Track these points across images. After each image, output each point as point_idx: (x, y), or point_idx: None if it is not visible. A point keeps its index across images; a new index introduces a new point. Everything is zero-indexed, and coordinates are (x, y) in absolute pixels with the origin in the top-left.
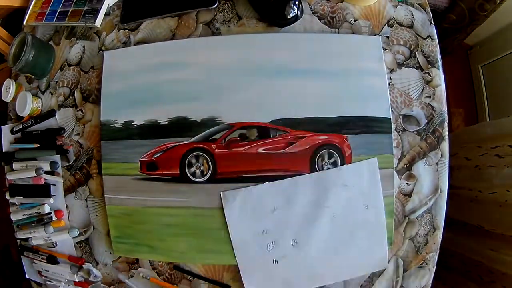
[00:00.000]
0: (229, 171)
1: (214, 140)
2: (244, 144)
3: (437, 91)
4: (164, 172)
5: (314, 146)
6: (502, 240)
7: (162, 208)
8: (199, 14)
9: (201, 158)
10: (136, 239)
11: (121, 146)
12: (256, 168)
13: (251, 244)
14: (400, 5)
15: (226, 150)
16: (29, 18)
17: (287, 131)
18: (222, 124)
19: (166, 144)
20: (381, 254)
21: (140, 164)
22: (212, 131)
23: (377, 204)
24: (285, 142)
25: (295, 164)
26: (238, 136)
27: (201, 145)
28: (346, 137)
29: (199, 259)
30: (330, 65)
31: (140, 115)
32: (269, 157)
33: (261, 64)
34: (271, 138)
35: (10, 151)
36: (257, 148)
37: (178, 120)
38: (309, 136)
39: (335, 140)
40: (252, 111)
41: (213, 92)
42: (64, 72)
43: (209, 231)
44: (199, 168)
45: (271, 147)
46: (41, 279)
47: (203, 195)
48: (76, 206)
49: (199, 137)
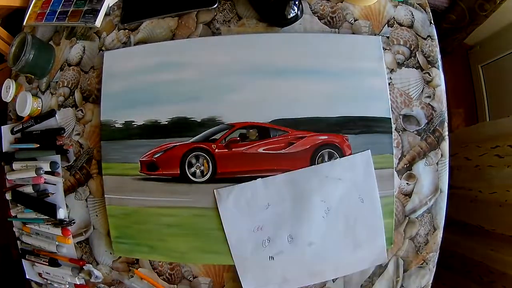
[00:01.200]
0: (229, 171)
1: (214, 140)
2: (244, 144)
3: (437, 91)
4: (164, 172)
5: (314, 146)
6: (502, 240)
7: (162, 208)
8: (199, 14)
9: (201, 158)
10: (136, 239)
11: (121, 146)
12: (256, 168)
13: (246, 241)
14: (400, 5)
15: (226, 150)
16: (29, 18)
17: (287, 131)
18: (222, 124)
19: (166, 144)
20: (379, 248)
21: (140, 164)
22: (212, 131)
23: (372, 197)
24: (285, 142)
25: (295, 164)
26: (238, 136)
27: (201, 145)
28: (346, 137)
29: (199, 259)
30: (330, 65)
31: (140, 115)
32: (269, 157)
33: (261, 64)
34: (271, 138)
35: (10, 151)
36: (257, 148)
37: (178, 120)
38: (309, 136)
39: (335, 140)
40: (252, 111)
41: (213, 92)
42: (64, 72)
43: (209, 231)
44: (199, 168)
45: (271, 147)
46: (41, 280)
47: (203, 195)
48: (76, 206)
49: (199, 137)
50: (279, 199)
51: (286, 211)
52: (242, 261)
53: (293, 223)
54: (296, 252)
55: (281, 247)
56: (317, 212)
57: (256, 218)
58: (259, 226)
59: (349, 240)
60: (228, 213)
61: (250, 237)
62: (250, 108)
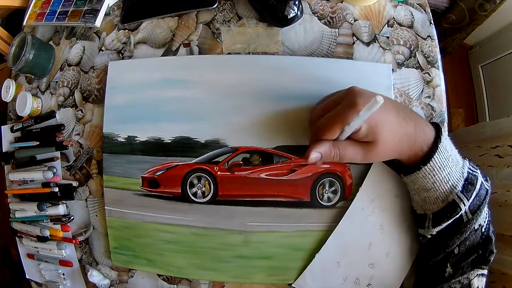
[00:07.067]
0: (231, 194)
1: (217, 163)
2: (247, 169)
3: (437, 91)
4: (166, 190)
5: (316, 174)
6: (502, 240)
7: (162, 224)
8: (199, 14)
9: (203, 179)
10: (134, 251)
11: (123, 160)
12: (258, 192)
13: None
14: (400, 5)
15: (228, 173)
16: (29, 18)
17: (290, 158)
18: (226, 147)
19: (169, 163)
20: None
21: (142, 180)
22: (216, 154)
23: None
24: (287, 168)
25: (296, 191)
26: (241, 160)
27: (204, 166)
28: (348, 166)
29: (197, 275)
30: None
31: (143, 131)
32: (271, 182)
33: (267, 87)
34: (274, 164)
35: (10, 150)
36: (260, 173)
37: (181, 140)
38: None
39: (337, 169)
40: (256, 135)
41: (218, 113)
42: (64, 72)
43: (208, 250)
44: (201, 189)
45: (273, 173)
46: (41, 279)
47: (204, 215)
48: (76, 206)
49: (202, 158)
50: (343, 253)
51: (355, 258)
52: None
53: (363, 267)
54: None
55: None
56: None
57: (334, 278)
58: (344, 277)
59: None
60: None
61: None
62: (255, 132)
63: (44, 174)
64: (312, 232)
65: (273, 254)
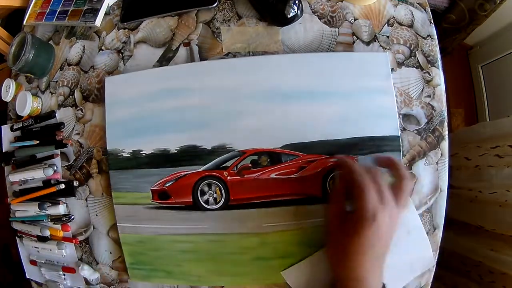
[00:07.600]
0: (242, 197)
1: (225, 168)
2: (256, 171)
3: (437, 91)
4: (177, 200)
5: (325, 169)
6: (502, 240)
7: (177, 235)
8: (199, 13)
9: (213, 185)
10: (152, 265)
11: (131, 175)
12: (269, 193)
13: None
14: (400, 4)
15: (238, 177)
16: (29, 18)
17: (298, 155)
18: (233, 151)
19: (178, 173)
20: (428, 253)
21: (152, 193)
22: (223, 159)
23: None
24: (296, 166)
25: (307, 188)
26: (250, 163)
27: (213, 173)
28: (356, 158)
29: (218, 281)
30: (338, 86)
31: (148, 143)
32: (282, 182)
33: (268, 87)
34: (283, 163)
35: (10, 150)
36: (269, 174)
37: (187, 149)
38: (320, 159)
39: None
40: (262, 137)
41: (222, 119)
42: (64, 71)
43: (226, 255)
44: (212, 195)
45: (283, 172)
46: (42, 279)
47: (218, 221)
48: (76, 206)
49: (210, 165)
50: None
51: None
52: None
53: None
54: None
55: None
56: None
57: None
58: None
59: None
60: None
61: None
62: (260, 134)
63: (45, 171)
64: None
65: (290, 253)
